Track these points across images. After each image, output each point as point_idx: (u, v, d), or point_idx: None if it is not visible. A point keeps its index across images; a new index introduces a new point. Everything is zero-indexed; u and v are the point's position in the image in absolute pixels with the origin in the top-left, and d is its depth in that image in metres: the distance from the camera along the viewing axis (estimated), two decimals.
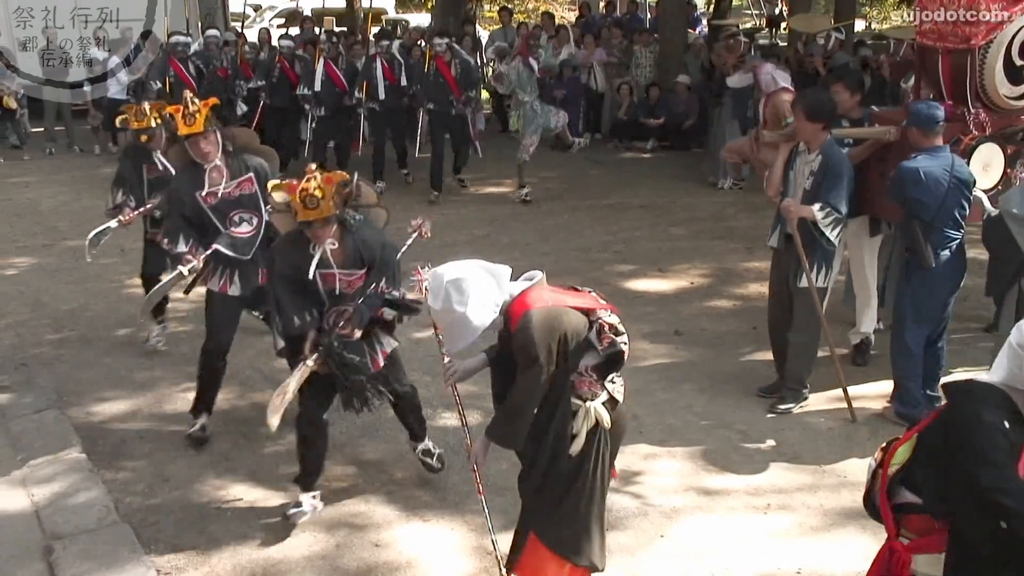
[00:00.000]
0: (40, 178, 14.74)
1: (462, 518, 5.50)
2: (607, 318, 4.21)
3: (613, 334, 4.15)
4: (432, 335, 8.08)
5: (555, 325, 4.06)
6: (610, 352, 4.16)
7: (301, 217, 5.11)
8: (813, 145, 6.52)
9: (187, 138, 6.05)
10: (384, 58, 13.81)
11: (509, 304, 4.13)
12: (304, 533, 5.33)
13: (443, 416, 6.79)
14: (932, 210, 6.23)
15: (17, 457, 6.18)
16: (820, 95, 6.78)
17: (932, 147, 6.31)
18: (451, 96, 13.42)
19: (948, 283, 6.50)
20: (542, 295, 4.19)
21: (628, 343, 4.22)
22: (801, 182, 6.60)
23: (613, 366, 4.23)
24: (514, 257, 10.54)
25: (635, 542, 5.24)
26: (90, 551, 5.14)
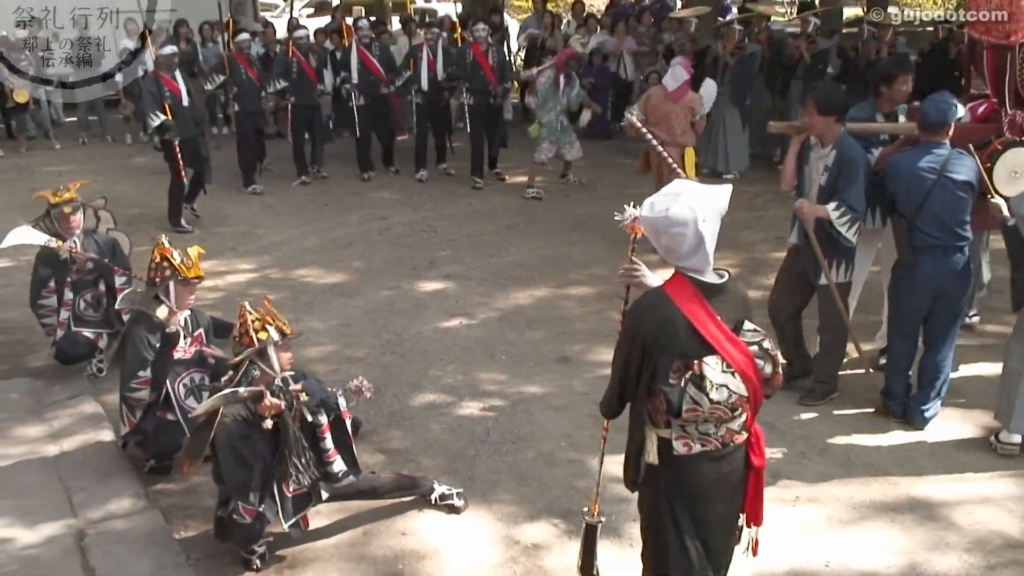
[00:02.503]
0: (73, 167, 14.84)
1: (488, 507, 5.52)
2: (709, 371, 3.57)
3: (694, 384, 3.56)
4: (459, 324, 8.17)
5: (647, 315, 3.66)
6: (675, 394, 3.60)
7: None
8: (826, 139, 6.40)
9: (183, 280, 6.00)
10: (430, 49, 13.81)
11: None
12: (331, 520, 5.36)
13: (468, 405, 6.80)
14: (911, 206, 6.14)
15: (51, 443, 6.26)
16: (831, 88, 6.69)
17: (927, 142, 6.16)
18: (489, 86, 13.44)
19: (922, 288, 6.28)
20: (682, 286, 3.69)
21: (715, 407, 3.63)
22: (816, 178, 6.51)
23: (677, 411, 3.63)
24: (541, 246, 10.57)
25: None
26: (122, 535, 5.21)
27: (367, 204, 12.77)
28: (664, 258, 3.75)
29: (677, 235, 3.63)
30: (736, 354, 3.61)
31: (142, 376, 5.82)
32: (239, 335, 4.97)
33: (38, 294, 7.16)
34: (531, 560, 5.03)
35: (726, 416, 3.66)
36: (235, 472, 4.84)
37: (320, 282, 9.59)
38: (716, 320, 3.60)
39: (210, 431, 4.76)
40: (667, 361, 3.58)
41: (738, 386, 3.61)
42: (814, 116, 6.35)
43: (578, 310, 8.67)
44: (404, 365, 7.48)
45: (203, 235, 11.10)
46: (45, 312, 7.21)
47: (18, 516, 5.41)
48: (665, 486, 3.79)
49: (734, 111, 13.79)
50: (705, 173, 13.93)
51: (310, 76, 13.89)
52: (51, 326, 7.21)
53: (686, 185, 3.74)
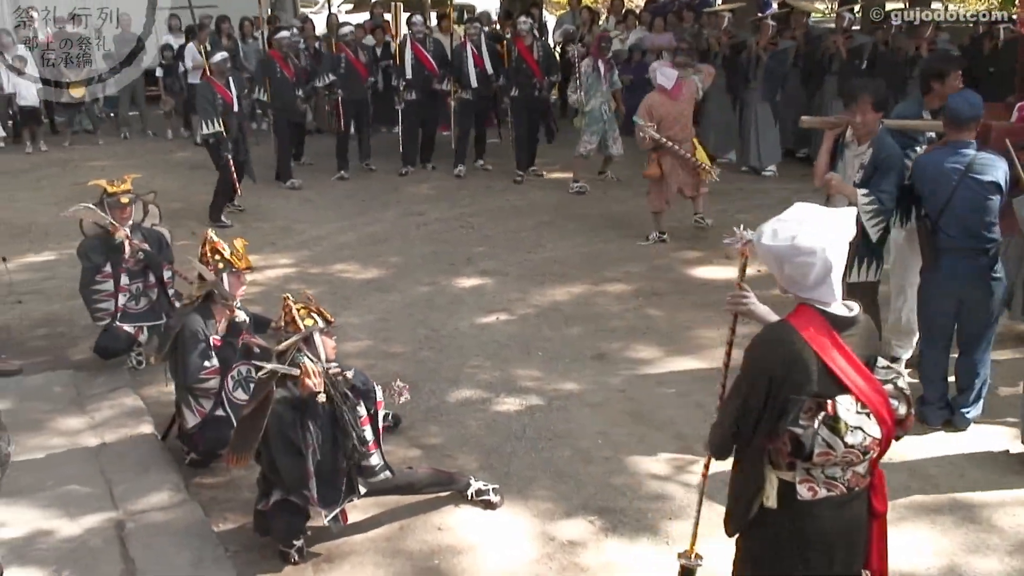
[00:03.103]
0: (115, 162, 14.99)
1: (524, 504, 5.52)
2: (843, 411, 3.29)
3: (827, 426, 3.29)
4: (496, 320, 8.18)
5: (774, 351, 3.35)
6: (807, 436, 3.31)
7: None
8: (865, 136, 6.34)
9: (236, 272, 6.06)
10: (474, 44, 13.82)
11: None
12: (368, 515, 5.38)
13: (504, 401, 6.81)
14: (935, 207, 5.99)
15: (92, 435, 6.33)
16: (879, 84, 6.59)
17: (954, 141, 5.99)
18: (534, 80, 13.44)
19: (945, 291, 6.13)
20: (809, 319, 3.38)
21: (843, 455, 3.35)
22: (851, 174, 6.42)
23: (808, 454, 3.34)
24: (578, 242, 10.56)
25: (701, 530, 5.21)
26: (161, 527, 5.26)
27: (404, 199, 12.81)
28: (784, 288, 3.51)
29: (803, 264, 3.34)
30: (871, 393, 3.34)
31: (209, 366, 5.86)
32: (284, 324, 4.99)
33: (91, 280, 7.17)
34: (567, 557, 5.03)
35: (857, 460, 3.39)
36: (290, 462, 4.82)
37: (357, 277, 9.64)
38: (849, 356, 3.32)
39: (261, 423, 4.76)
40: (797, 401, 3.29)
41: (872, 428, 3.34)
42: (868, 113, 6.24)
43: (615, 307, 8.65)
44: (441, 361, 7.50)
45: (242, 230, 11.18)
46: (100, 297, 7.21)
47: (60, 507, 5.47)
48: (782, 533, 3.49)
49: (765, 106, 13.70)
50: (743, 171, 13.90)
51: (359, 71, 13.94)
52: (106, 311, 7.23)
53: (809, 210, 3.50)
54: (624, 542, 5.14)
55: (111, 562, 4.99)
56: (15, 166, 15.07)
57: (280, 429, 4.78)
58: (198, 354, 5.83)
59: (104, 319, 7.24)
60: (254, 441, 4.82)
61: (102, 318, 7.25)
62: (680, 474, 5.81)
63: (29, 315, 8.57)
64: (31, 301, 8.92)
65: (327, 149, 14.66)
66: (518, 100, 13.60)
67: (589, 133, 12.71)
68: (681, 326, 8.15)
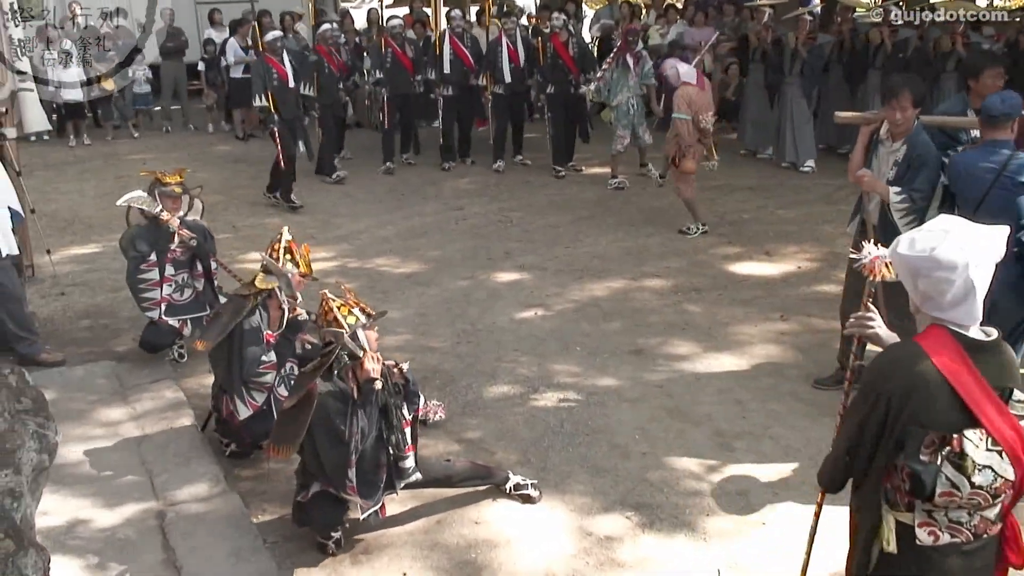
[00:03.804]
0: (156, 155, 15.13)
1: (561, 498, 5.52)
2: (971, 447, 2.98)
3: (952, 463, 2.99)
4: (534, 315, 8.18)
5: (896, 373, 3.07)
6: (927, 473, 3.02)
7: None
8: (901, 133, 6.25)
9: (304, 275, 6.17)
10: (509, 39, 13.82)
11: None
12: (406, 508, 5.40)
13: (542, 396, 6.81)
14: (968, 207, 5.80)
15: (134, 426, 6.40)
16: (919, 81, 6.49)
17: (990, 140, 5.85)
18: (569, 76, 13.42)
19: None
20: (942, 341, 3.08)
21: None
22: (885, 171, 6.34)
23: (928, 494, 3.04)
24: (617, 238, 10.54)
25: (736, 528, 5.20)
26: (201, 518, 5.31)
27: (444, 194, 12.84)
28: (918, 306, 3.20)
29: (942, 280, 3.03)
30: (1005, 429, 2.98)
31: (267, 361, 5.92)
32: (325, 323, 5.01)
33: (137, 268, 7.19)
34: (604, 552, 5.02)
35: (985, 503, 3.05)
36: (333, 451, 4.84)
37: (396, 271, 9.67)
38: (983, 386, 2.98)
39: (307, 413, 4.79)
40: (918, 432, 3.00)
41: (1004, 468, 2.99)
42: (908, 110, 6.16)
43: (653, 303, 8.63)
44: (479, 355, 7.51)
45: (282, 222, 11.21)
46: (147, 287, 7.22)
47: (102, 496, 5.54)
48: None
49: (801, 102, 13.61)
50: (783, 167, 13.82)
51: (405, 65, 13.94)
52: (152, 300, 7.25)
53: (956, 222, 3.17)
54: (661, 538, 5.13)
55: (152, 551, 5.04)
56: (59, 159, 15.25)
57: (326, 419, 4.80)
58: (256, 348, 5.88)
59: (152, 309, 7.26)
60: (297, 434, 4.84)
61: (149, 308, 7.26)
62: (718, 471, 5.79)
63: (72, 307, 8.67)
64: (74, 293, 9.02)
65: (366, 143, 14.73)
66: (554, 96, 13.58)
67: (621, 128, 12.69)
68: (720, 322, 8.11)
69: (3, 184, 7.14)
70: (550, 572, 4.87)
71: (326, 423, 4.81)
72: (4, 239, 7.03)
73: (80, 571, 4.85)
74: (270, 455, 5.06)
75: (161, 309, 7.25)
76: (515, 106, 14.23)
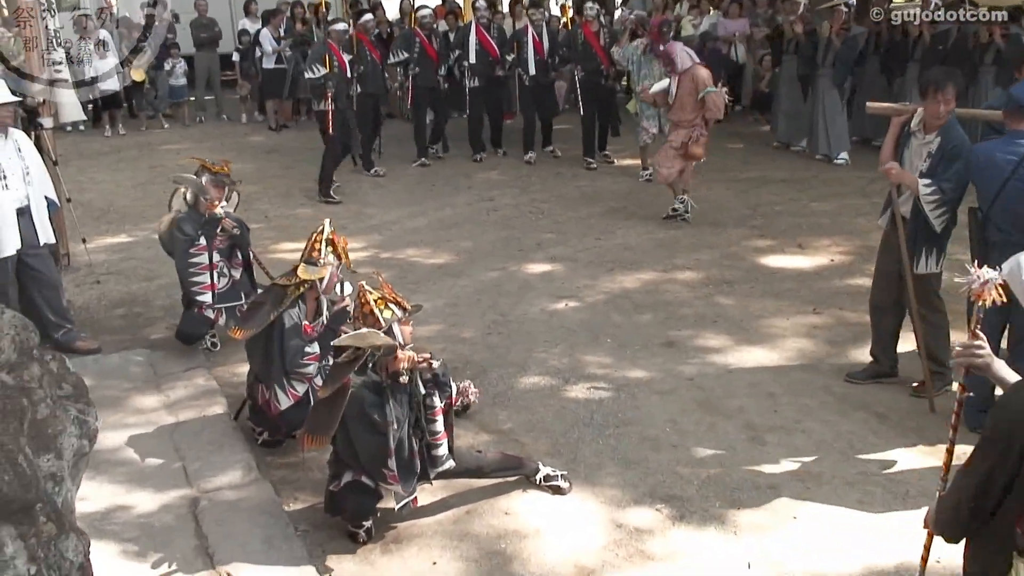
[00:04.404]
0: (191, 145, 15.23)
1: (591, 490, 5.52)
2: None
3: None
4: (565, 306, 8.18)
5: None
6: None
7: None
8: (935, 125, 6.18)
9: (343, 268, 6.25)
10: (535, 30, 13.78)
11: None
12: (436, 498, 5.42)
13: (573, 387, 6.81)
14: (986, 198, 5.75)
15: (167, 414, 6.46)
16: (959, 74, 6.41)
17: (1013, 131, 5.76)
18: (600, 66, 13.37)
19: None
20: None
21: None
22: (918, 164, 6.28)
23: None
24: (648, 229, 10.52)
25: (767, 521, 5.19)
26: (233, 505, 5.35)
27: (475, 185, 12.85)
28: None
29: None
30: None
31: (310, 352, 5.96)
32: (361, 316, 5.03)
33: (186, 251, 7.20)
34: (633, 544, 5.02)
35: None
36: (370, 441, 4.87)
37: (428, 262, 9.69)
38: None
39: (340, 404, 4.82)
40: None
41: None
42: (952, 103, 6.09)
43: (685, 294, 8.60)
44: (510, 346, 7.52)
45: (314, 213, 11.30)
46: (197, 271, 7.25)
47: (136, 483, 5.60)
48: None
49: (834, 93, 13.50)
50: (817, 159, 13.73)
51: (431, 56, 13.93)
52: (204, 283, 7.27)
53: None
54: (691, 531, 5.12)
55: (185, 538, 5.08)
56: (95, 149, 15.39)
57: (361, 410, 4.83)
58: (299, 340, 5.92)
59: (202, 293, 7.26)
60: (330, 424, 4.87)
61: (200, 292, 7.26)
62: (749, 464, 5.77)
63: (107, 295, 8.75)
64: (109, 281, 9.10)
65: (397, 134, 14.75)
66: (585, 85, 13.52)
67: (645, 119, 12.63)
68: (752, 315, 8.08)
69: (40, 173, 7.21)
70: (579, 563, 4.87)
71: (361, 414, 4.83)
72: (41, 228, 7.10)
73: (114, 557, 4.90)
74: (305, 445, 5.09)
75: (212, 294, 7.30)
76: (540, 98, 14.19)
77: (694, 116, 10.31)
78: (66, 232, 9.23)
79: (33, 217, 7.02)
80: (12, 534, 2.96)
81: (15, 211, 6.85)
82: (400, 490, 4.95)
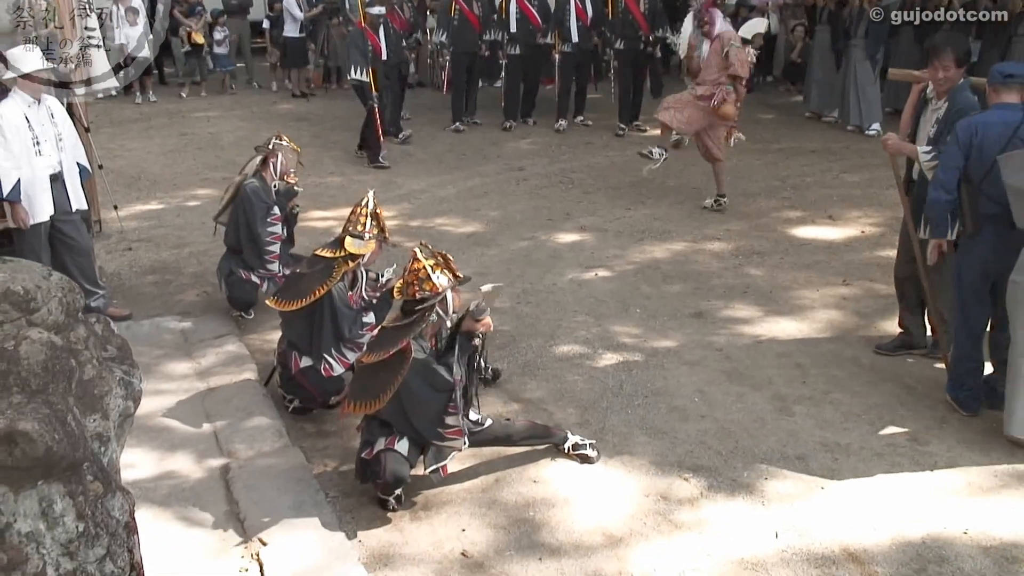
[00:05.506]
0: (221, 113, 15.28)
1: (619, 459, 5.53)
2: None
3: None
4: (594, 276, 8.16)
5: None
6: None
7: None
8: (943, 92, 6.15)
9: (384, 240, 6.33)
10: None
11: None
12: (464, 466, 5.44)
13: (602, 357, 6.81)
14: (979, 170, 5.64)
15: (198, 380, 6.51)
16: (962, 40, 6.36)
17: (1000, 104, 5.70)
18: (639, 32, 13.30)
19: (986, 260, 5.76)
20: None
21: None
22: (928, 130, 6.26)
23: None
24: (680, 200, 10.48)
25: (795, 491, 5.18)
26: (264, 471, 5.39)
27: (504, 154, 12.83)
28: None
29: None
30: None
31: (368, 323, 6.06)
32: (415, 280, 5.05)
33: (265, 220, 7.30)
34: (661, 514, 5.03)
35: None
36: (432, 399, 4.97)
37: (457, 231, 9.69)
38: None
39: (396, 368, 4.89)
40: None
41: None
42: (950, 69, 6.07)
43: (714, 265, 8.58)
44: (539, 315, 7.52)
45: (344, 182, 11.32)
46: (272, 239, 7.36)
47: (168, 449, 5.65)
48: None
49: (866, 64, 13.40)
50: (849, 130, 13.62)
51: (472, 23, 13.90)
52: (275, 253, 7.37)
53: None
54: (719, 500, 5.13)
55: (216, 503, 5.13)
56: (125, 116, 15.44)
57: (427, 368, 4.95)
58: (349, 310, 6.00)
59: (272, 262, 7.37)
60: (381, 390, 4.93)
61: (270, 260, 7.37)
62: (777, 435, 5.76)
63: (139, 262, 8.80)
64: (140, 249, 9.16)
65: (427, 103, 14.73)
66: (623, 53, 13.47)
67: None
68: (781, 286, 8.05)
69: (73, 140, 7.24)
70: (607, 532, 4.89)
71: (427, 372, 4.94)
72: (74, 194, 7.14)
73: (146, 522, 4.93)
74: (346, 411, 5.12)
75: (279, 264, 7.39)
76: (581, 65, 14.15)
77: (719, 75, 10.16)
78: (98, 199, 9.28)
79: (66, 183, 7.05)
80: (61, 492, 3.01)
81: (48, 177, 6.89)
82: (461, 446, 5.08)
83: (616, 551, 4.73)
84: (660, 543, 4.78)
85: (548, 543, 4.81)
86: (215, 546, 4.79)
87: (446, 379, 4.94)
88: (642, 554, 4.69)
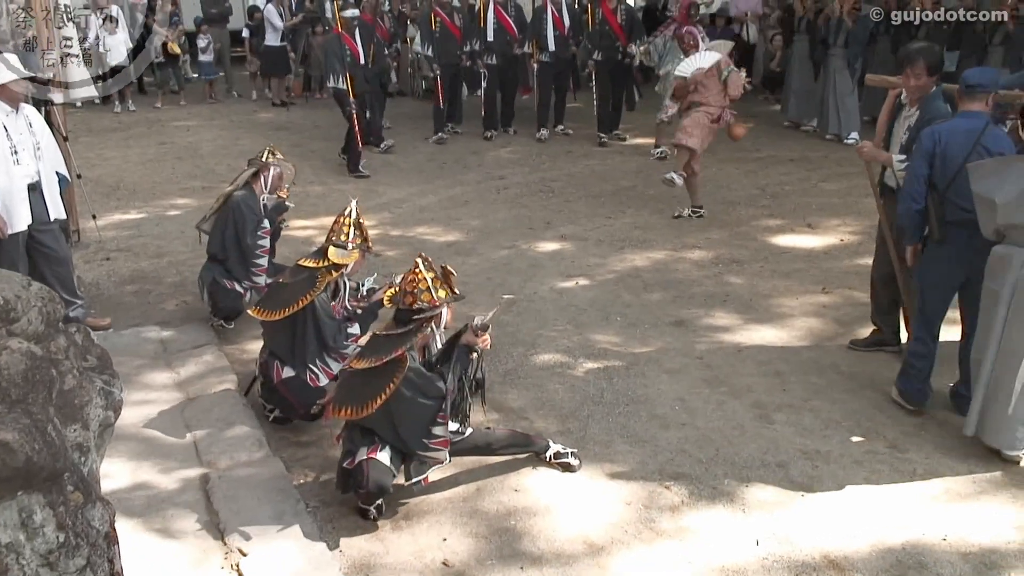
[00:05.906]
0: (200, 122, 15.24)
1: (601, 467, 5.53)
2: None
3: None
4: (575, 285, 8.17)
5: None
6: None
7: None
8: (916, 99, 6.24)
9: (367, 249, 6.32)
10: (555, 6, 13.74)
11: None
12: (446, 475, 5.43)
13: (585, 365, 6.82)
14: (944, 177, 5.69)
15: (178, 390, 6.48)
16: (934, 49, 6.43)
17: (966, 111, 5.75)
18: (617, 44, 13.36)
19: (949, 266, 5.84)
20: None
21: None
22: (901, 136, 6.35)
23: None
24: (660, 209, 10.51)
25: (775, 499, 5.20)
26: (244, 481, 5.36)
27: (485, 163, 12.85)
28: None
29: None
30: None
31: (353, 334, 6.06)
32: (413, 291, 5.05)
33: (255, 233, 7.30)
34: (643, 521, 5.03)
35: None
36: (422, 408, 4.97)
37: (438, 240, 9.69)
38: None
39: (388, 375, 4.89)
40: None
41: None
42: (923, 78, 6.14)
43: (695, 273, 8.60)
44: (520, 324, 7.53)
45: (325, 192, 11.31)
46: (260, 252, 7.35)
47: (147, 459, 5.62)
48: None
49: (845, 73, 13.51)
50: (827, 139, 13.70)
51: (455, 35, 13.92)
52: (262, 266, 7.36)
53: None
54: (700, 508, 5.14)
55: (196, 512, 5.10)
56: (104, 125, 15.40)
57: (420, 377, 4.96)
58: (332, 321, 5.99)
59: (259, 275, 7.36)
60: (369, 397, 4.92)
61: (257, 273, 7.36)
62: (758, 442, 5.78)
63: (117, 272, 8.76)
64: (119, 258, 9.12)
65: (408, 112, 14.73)
66: (601, 63, 13.53)
67: (669, 98, 12.58)
68: (761, 294, 8.08)
69: (51, 149, 7.21)
70: (589, 540, 4.89)
71: (419, 383, 4.95)
72: (52, 204, 7.11)
73: (126, 532, 4.91)
74: (330, 416, 5.12)
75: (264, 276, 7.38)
76: (559, 75, 14.20)
77: (720, 95, 10.18)
78: (76, 208, 9.24)
79: (44, 192, 7.01)
80: (41, 502, 3.00)
81: (26, 186, 6.85)
82: (445, 458, 5.08)
83: (597, 559, 4.73)
84: (641, 551, 4.79)
85: (529, 552, 4.81)
86: (195, 556, 4.76)
87: (439, 387, 4.96)
88: (623, 562, 4.70)
